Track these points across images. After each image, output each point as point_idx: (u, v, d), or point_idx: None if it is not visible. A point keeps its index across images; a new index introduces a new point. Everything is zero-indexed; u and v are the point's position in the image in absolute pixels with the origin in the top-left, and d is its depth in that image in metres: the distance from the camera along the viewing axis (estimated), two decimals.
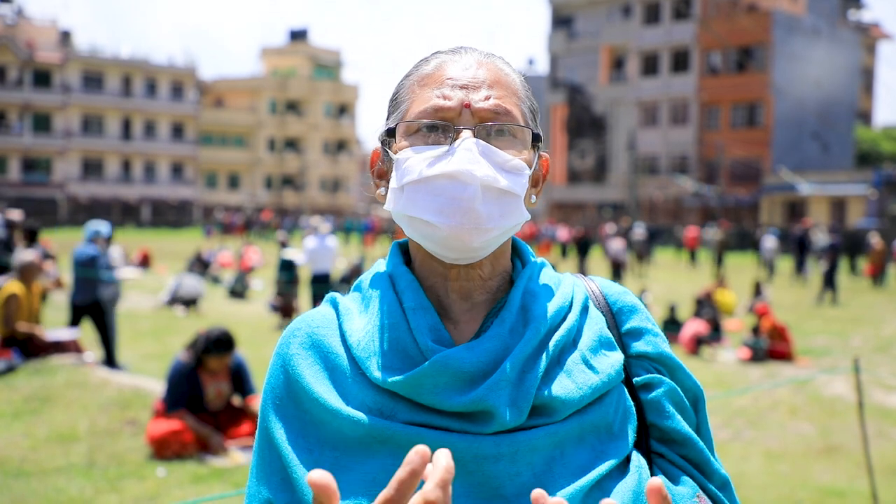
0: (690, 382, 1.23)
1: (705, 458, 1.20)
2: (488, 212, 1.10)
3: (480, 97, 1.16)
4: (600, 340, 1.18)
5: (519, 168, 1.14)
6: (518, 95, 1.20)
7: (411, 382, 1.08)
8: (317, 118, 72.84)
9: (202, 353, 6.45)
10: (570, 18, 60.96)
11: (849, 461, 6.65)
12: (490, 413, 1.06)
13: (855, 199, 44.61)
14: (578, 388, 1.11)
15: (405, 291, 1.17)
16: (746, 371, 10.60)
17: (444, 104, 1.15)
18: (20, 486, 5.54)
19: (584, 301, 1.22)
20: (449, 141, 1.13)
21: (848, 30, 58.39)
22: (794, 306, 17.94)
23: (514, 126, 1.16)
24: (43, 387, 8.26)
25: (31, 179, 61.29)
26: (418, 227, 1.13)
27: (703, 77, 53.21)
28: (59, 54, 62.19)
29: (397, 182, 1.15)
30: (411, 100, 1.19)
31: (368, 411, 1.10)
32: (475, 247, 1.12)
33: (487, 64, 1.20)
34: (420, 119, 1.16)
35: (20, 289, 9.33)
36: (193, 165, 67.82)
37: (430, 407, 1.08)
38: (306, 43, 76.74)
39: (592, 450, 1.11)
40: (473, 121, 1.14)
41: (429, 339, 1.12)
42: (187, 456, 6.19)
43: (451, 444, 1.05)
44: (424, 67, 1.21)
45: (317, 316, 1.23)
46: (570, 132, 58.27)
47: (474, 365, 1.08)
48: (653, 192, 53.26)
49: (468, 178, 1.09)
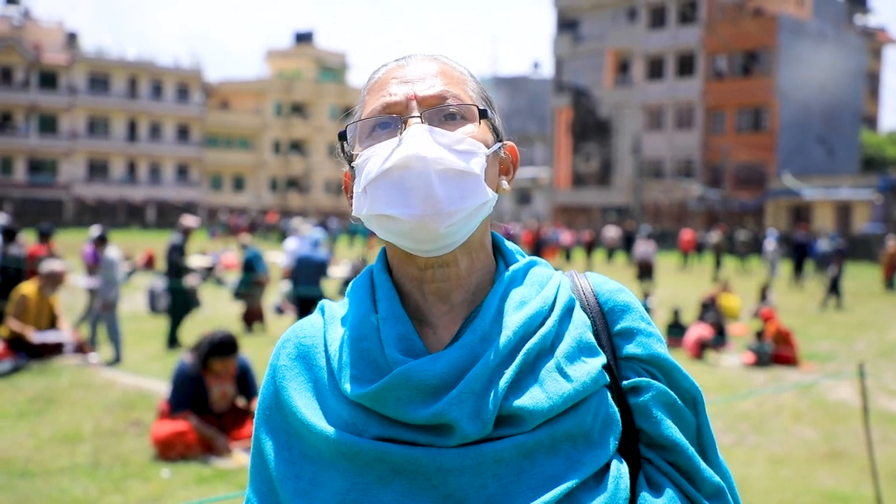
0: (687, 384, 1.19)
1: (694, 465, 1.15)
2: (447, 194, 1.08)
3: (425, 87, 1.16)
4: (579, 346, 1.14)
5: (472, 147, 1.12)
6: (466, 83, 1.21)
7: (375, 396, 1.07)
8: (322, 120, 72.92)
9: (206, 356, 6.47)
10: (575, 22, 60.95)
11: (853, 466, 6.63)
12: (451, 427, 1.05)
13: (860, 204, 44.50)
14: (549, 398, 1.08)
15: (381, 300, 1.16)
16: (750, 375, 10.58)
17: (391, 99, 1.15)
18: (25, 487, 5.56)
19: (568, 303, 1.18)
20: (399, 132, 1.13)
21: (854, 34, 58.30)
22: (799, 311, 17.91)
23: (462, 106, 1.16)
24: (48, 387, 8.28)
25: (36, 180, 61.44)
26: (384, 223, 1.12)
27: (708, 81, 53.14)
28: (66, 56, 62.35)
29: (360, 186, 1.14)
30: (362, 107, 1.21)
31: (345, 425, 1.09)
32: (442, 233, 1.09)
33: (433, 60, 1.21)
34: (369, 117, 1.16)
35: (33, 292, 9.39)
36: (199, 167, 67.93)
37: (395, 419, 1.07)
38: (312, 45, 76.88)
39: (567, 459, 1.07)
40: (421, 109, 1.14)
41: (396, 349, 1.10)
42: (192, 457, 6.20)
43: (415, 458, 1.04)
44: (374, 76, 1.23)
45: (306, 325, 1.22)
46: (575, 136, 58.23)
47: (437, 377, 1.06)
48: (657, 196, 53.19)
49: (419, 164, 1.08)
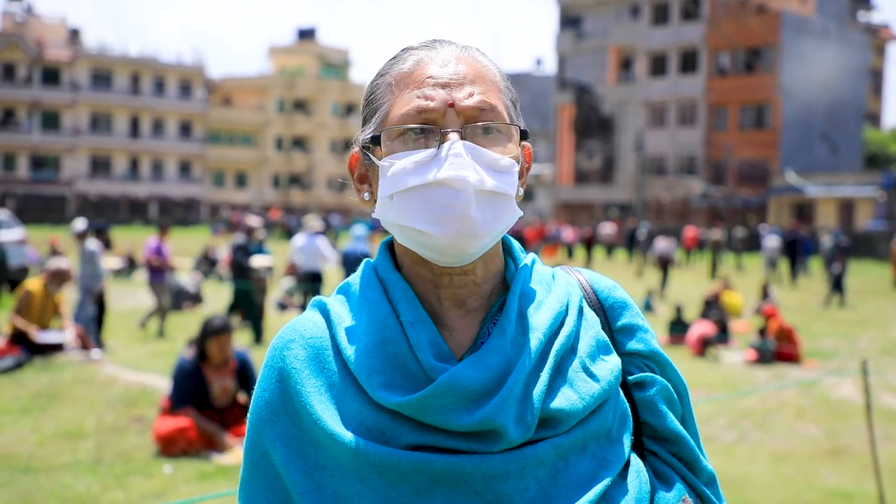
0: (677, 378, 1.23)
1: (694, 455, 1.19)
2: (483, 217, 1.07)
3: (464, 95, 1.11)
4: (598, 345, 1.16)
5: (509, 167, 1.11)
6: (500, 89, 1.17)
7: (417, 404, 1.05)
8: (324, 117, 72.92)
9: (203, 340, 6.51)
10: (578, 18, 60.87)
11: (856, 463, 6.63)
12: (498, 432, 1.04)
13: (863, 201, 44.44)
14: (581, 399, 1.09)
15: (401, 302, 1.13)
16: (753, 372, 10.57)
17: (427, 105, 1.11)
18: (28, 482, 5.57)
19: (580, 302, 1.20)
20: (435, 144, 1.09)
21: (857, 31, 58.20)
22: (801, 308, 17.89)
23: (503, 125, 1.13)
24: (50, 383, 8.29)
25: (39, 177, 61.51)
26: (411, 235, 1.10)
27: (711, 78, 53.07)
28: (68, 52, 62.38)
29: (386, 191, 1.11)
30: (391, 102, 1.14)
31: (368, 432, 1.06)
32: (471, 252, 1.09)
33: (466, 58, 1.16)
34: (403, 123, 1.11)
35: (39, 288, 9.40)
36: (201, 164, 67.95)
37: (438, 427, 1.05)
38: (314, 42, 76.85)
39: (594, 457, 1.09)
40: (459, 120, 1.10)
41: (430, 355, 1.08)
42: (194, 453, 6.21)
43: (459, 465, 1.03)
44: (401, 66, 1.16)
45: (308, 325, 1.17)
46: (578, 132, 58.18)
47: (480, 383, 1.05)
48: (660, 193, 53.14)
49: (461, 185, 1.06)
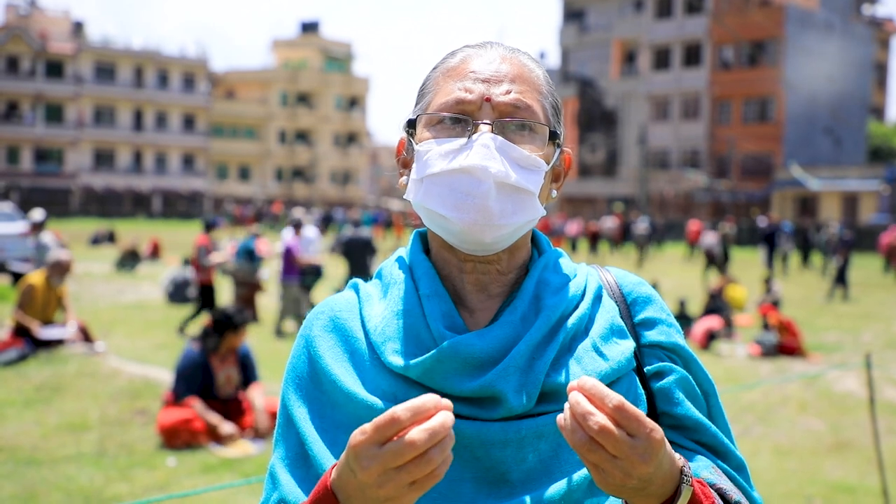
0: (703, 376, 1.24)
1: (719, 440, 1.20)
2: (501, 208, 1.11)
3: (501, 91, 1.16)
4: (612, 329, 1.19)
5: (535, 165, 1.15)
6: (540, 91, 1.20)
7: (422, 367, 1.11)
8: (327, 110, 72.87)
9: (224, 330, 6.56)
10: (581, 12, 60.76)
11: (859, 457, 6.62)
12: (498, 399, 1.08)
13: (867, 195, 44.37)
14: (587, 375, 1.10)
15: (422, 279, 1.19)
16: (756, 366, 10.56)
17: (465, 97, 1.16)
18: (31, 475, 5.58)
19: (598, 290, 1.23)
20: (468, 134, 1.14)
21: (861, 24, 57.98)
22: (805, 302, 17.87)
23: (535, 124, 1.16)
24: (54, 376, 8.31)
25: (43, 170, 61.54)
26: (434, 219, 1.15)
27: (714, 71, 52.96)
28: (72, 45, 62.36)
29: (417, 174, 1.16)
30: (435, 91, 1.20)
31: (383, 396, 1.12)
32: (488, 242, 1.13)
33: (511, 59, 1.21)
34: (441, 111, 1.17)
35: (40, 282, 9.39)
36: (204, 157, 67.96)
37: (442, 392, 1.09)
38: (317, 35, 76.73)
39: None
40: (493, 115, 1.15)
41: (441, 325, 1.14)
42: (197, 445, 6.22)
43: (459, 429, 1.07)
44: (450, 60, 1.22)
45: (340, 300, 1.26)
46: (581, 126, 58.09)
47: (484, 351, 1.10)
48: (663, 187, 53.09)
49: (482, 175, 1.10)
